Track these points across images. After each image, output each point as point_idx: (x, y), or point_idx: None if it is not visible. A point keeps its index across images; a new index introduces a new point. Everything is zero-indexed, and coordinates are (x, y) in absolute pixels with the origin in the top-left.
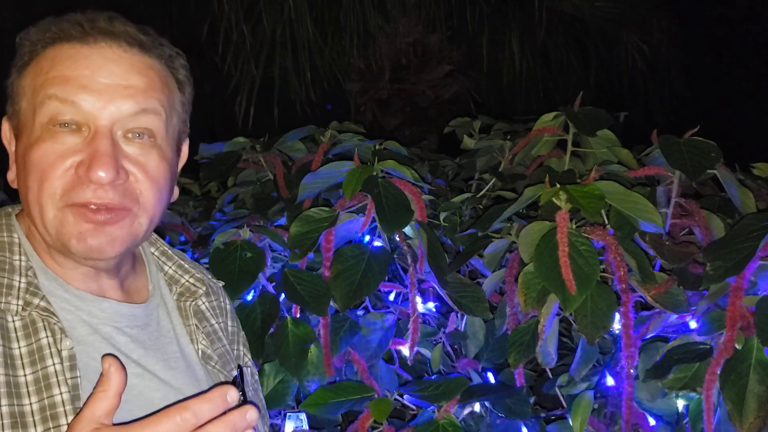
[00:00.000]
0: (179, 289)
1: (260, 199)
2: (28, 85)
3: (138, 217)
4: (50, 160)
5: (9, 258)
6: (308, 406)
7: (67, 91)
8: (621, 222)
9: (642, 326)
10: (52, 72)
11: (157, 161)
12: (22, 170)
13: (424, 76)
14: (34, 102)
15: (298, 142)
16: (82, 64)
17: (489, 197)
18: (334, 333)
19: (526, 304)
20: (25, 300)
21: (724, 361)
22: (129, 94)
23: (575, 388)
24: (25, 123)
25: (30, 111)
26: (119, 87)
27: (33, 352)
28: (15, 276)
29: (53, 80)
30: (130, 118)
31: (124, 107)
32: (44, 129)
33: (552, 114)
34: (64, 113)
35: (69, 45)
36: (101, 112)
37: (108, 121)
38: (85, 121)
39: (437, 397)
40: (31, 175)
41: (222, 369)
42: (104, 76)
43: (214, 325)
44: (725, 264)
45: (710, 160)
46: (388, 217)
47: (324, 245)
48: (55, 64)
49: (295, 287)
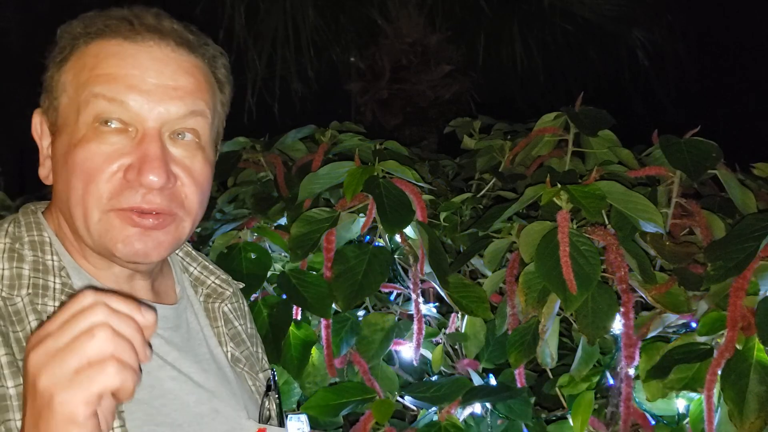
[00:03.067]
0: (206, 291)
1: (260, 199)
2: (70, 81)
3: (182, 221)
4: (97, 162)
5: (42, 258)
6: (310, 408)
7: (114, 90)
8: (622, 222)
9: (642, 326)
10: (98, 69)
11: (202, 164)
12: (63, 169)
13: (424, 76)
14: (77, 99)
15: (298, 142)
16: (130, 63)
17: (489, 197)
18: (335, 334)
19: (527, 304)
20: (62, 301)
21: (725, 361)
22: (178, 96)
23: (576, 388)
24: (66, 120)
25: (72, 108)
26: (168, 88)
27: None
28: (49, 276)
29: (99, 78)
30: (178, 120)
31: (173, 109)
32: (89, 128)
33: (553, 114)
34: (111, 113)
35: (115, 42)
36: (150, 113)
37: (157, 122)
38: (133, 122)
39: (439, 398)
40: (75, 176)
41: (250, 371)
42: (153, 76)
43: (237, 328)
44: (726, 264)
45: (711, 160)
46: (390, 217)
47: (325, 246)
48: (101, 62)
49: (297, 289)
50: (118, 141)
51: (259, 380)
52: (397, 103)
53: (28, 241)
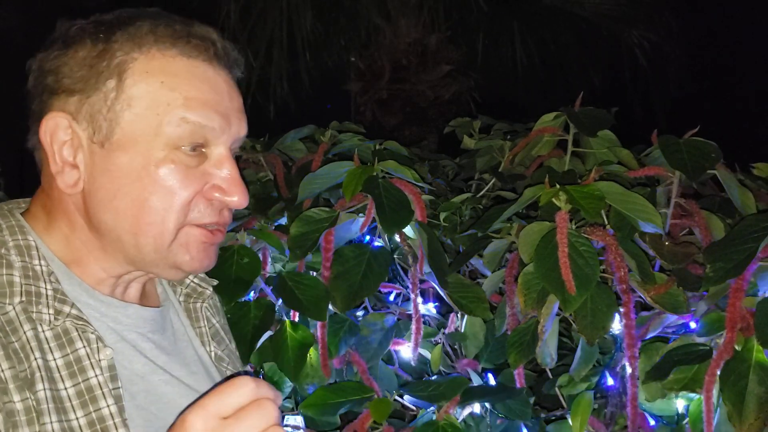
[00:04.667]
0: (185, 290)
1: (260, 199)
2: (141, 97)
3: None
4: (182, 182)
5: (30, 263)
6: (307, 407)
7: (204, 116)
8: (621, 222)
9: (642, 327)
10: (186, 92)
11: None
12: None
13: (424, 76)
14: (157, 119)
15: (298, 142)
16: (213, 87)
17: (489, 197)
18: (333, 334)
19: (526, 305)
20: (55, 308)
21: (724, 362)
22: (243, 118)
23: (575, 388)
24: (136, 138)
25: (148, 127)
26: (237, 110)
27: (71, 363)
28: (40, 283)
29: (187, 102)
30: (241, 140)
31: (242, 131)
32: (172, 150)
33: (552, 114)
34: (198, 137)
35: (197, 63)
36: (228, 137)
37: (232, 144)
38: (212, 144)
39: (437, 397)
40: (155, 195)
41: (233, 369)
42: (227, 100)
43: (215, 325)
44: (726, 265)
45: (710, 161)
46: (389, 217)
47: (324, 246)
48: (185, 84)
49: (293, 292)
50: (198, 163)
51: None
52: (396, 103)
53: (14, 246)
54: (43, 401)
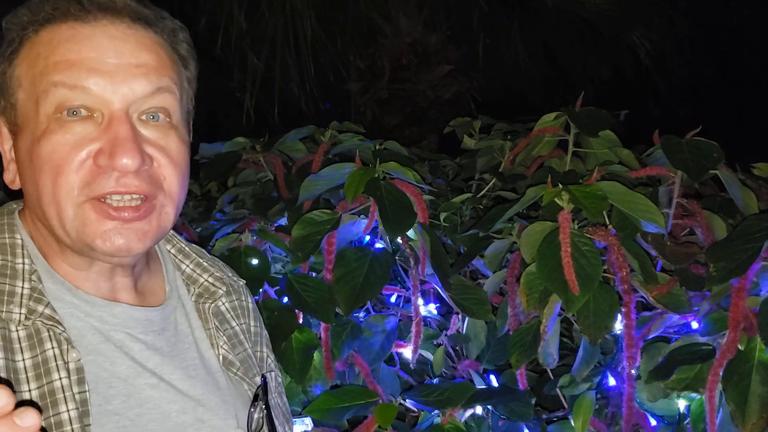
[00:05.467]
0: (198, 290)
1: (260, 199)
2: (25, 75)
3: (165, 206)
4: (64, 152)
5: (11, 262)
6: (313, 412)
7: (74, 77)
8: (623, 222)
9: (644, 327)
10: (53, 57)
11: (178, 143)
12: (29, 168)
13: (424, 76)
14: (35, 92)
15: (298, 142)
16: (86, 45)
17: (489, 197)
18: (336, 337)
19: (528, 305)
20: (29, 308)
21: (727, 362)
22: (141, 73)
23: (577, 388)
24: (27, 116)
25: (31, 102)
26: (130, 66)
27: (38, 364)
28: (17, 282)
29: (56, 66)
30: (145, 98)
31: (138, 88)
32: (52, 120)
33: (553, 114)
34: (73, 100)
35: (67, 25)
36: (114, 95)
37: (123, 104)
38: (98, 107)
39: (442, 403)
40: (42, 173)
41: (244, 375)
42: (112, 56)
43: (235, 328)
44: (728, 265)
45: (712, 161)
46: (392, 220)
47: (326, 248)
48: (55, 48)
49: (299, 294)
50: (84, 128)
51: (255, 384)
52: (396, 103)
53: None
54: None
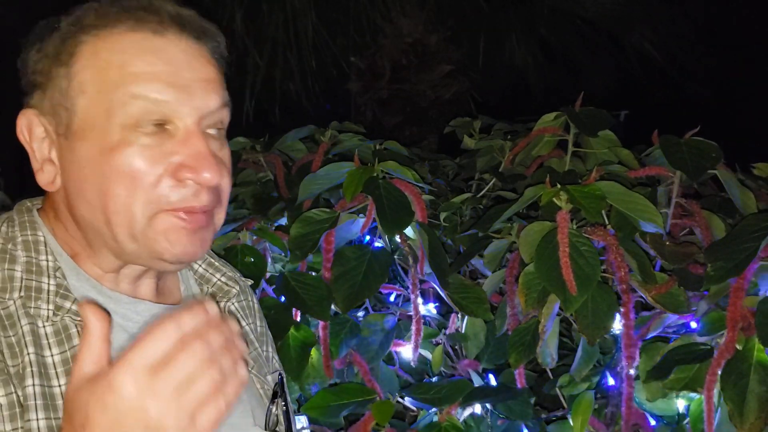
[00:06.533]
0: (211, 289)
1: (260, 199)
2: (91, 81)
3: (219, 214)
4: (143, 165)
5: (35, 258)
6: (310, 409)
7: (154, 90)
8: (622, 222)
9: (643, 327)
10: (130, 67)
11: (229, 156)
12: (93, 176)
13: (424, 76)
14: (107, 101)
15: (298, 142)
16: (162, 58)
17: (489, 197)
18: (334, 335)
19: (527, 305)
20: (56, 304)
21: (725, 361)
22: (212, 88)
23: (576, 388)
24: (91, 124)
25: (100, 110)
26: (201, 81)
27: (67, 360)
28: (43, 278)
29: (135, 77)
30: (213, 113)
31: (210, 102)
32: (128, 131)
33: (553, 114)
34: (153, 113)
35: (142, 35)
36: (191, 109)
37: (197, 117)
38: (174, 120)
39: (440, 400)
40: (115, 183)
41: (258, 373)
42: (186, 71)
43: (245, 327)
44: (726, 265)
45: (711, 161)
46: (389, 218)
47: (324, 246)
48: (132, 58)
49: (296, 291)
50: (162, 141)
51: (267, 383)
52: (397, 102)
53: (22, 241)
54: (30, 397)
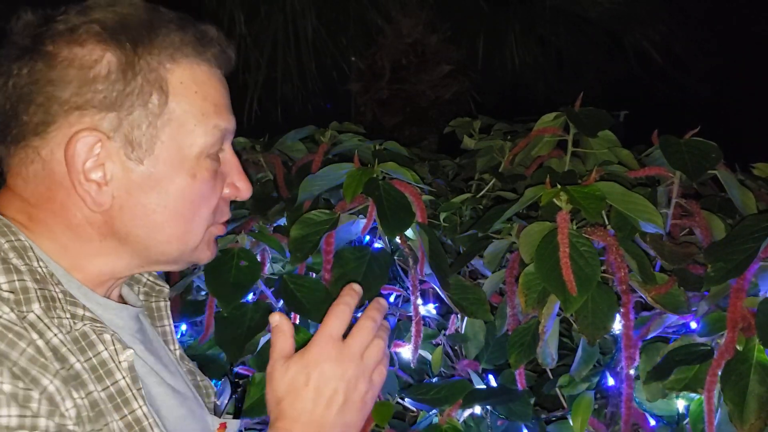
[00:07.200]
0: (143, 289)
1: (260, 199)
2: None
3: None
4: (213, 188)
5: (29, 266)
6: None
7: (227, 120)
8: (621, 222)
9: (643, 327)
10: (210, 98)
11: None
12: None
13: (424, 76)
14: (195, 129)
15: (298, 143)
16: (225, 89)
17: (489, 197)
18: None
19: (527, 305)
20: (70, 312)
21: (725, 362)
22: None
23: (576, 388)
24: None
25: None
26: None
27: (95, 367)
28: (49, 286)
29: (216, 108)
30: None
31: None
32: (203, 158)
33: (552, 114)
34: (221, 142)
35: (207, 65)
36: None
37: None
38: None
39: (439, 401)
40: (184, 205)
41: (195, 369)
42: (227, 98)
43: (170, 326)
44: (726, 265)
45: (711, 161)
46: (390, 220)
47: (324, 248)
48: (208, 88)
49: (294, 294)
50: (216, 165)
51: (199, 374)
52: (397, 103)
53: (10, 248)
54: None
